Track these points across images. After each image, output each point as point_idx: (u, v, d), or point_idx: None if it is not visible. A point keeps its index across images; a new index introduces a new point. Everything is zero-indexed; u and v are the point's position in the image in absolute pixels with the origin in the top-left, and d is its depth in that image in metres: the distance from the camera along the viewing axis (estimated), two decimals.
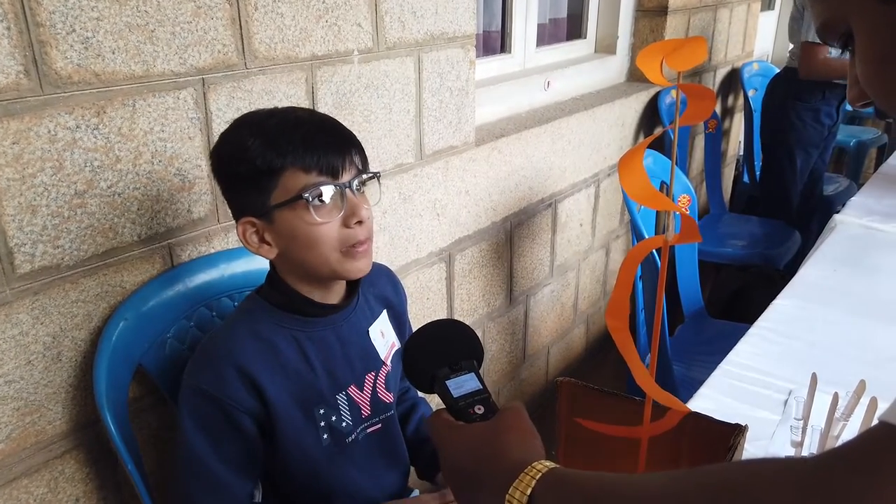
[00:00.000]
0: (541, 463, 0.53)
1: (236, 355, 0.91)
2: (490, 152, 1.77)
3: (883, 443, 0.39)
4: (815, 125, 2.79)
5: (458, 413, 0.66)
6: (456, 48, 1.57)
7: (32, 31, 0.87)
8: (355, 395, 1.01)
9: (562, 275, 2.27)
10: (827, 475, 0.40)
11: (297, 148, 0.86)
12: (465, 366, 0.69)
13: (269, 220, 0.89)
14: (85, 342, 1.00)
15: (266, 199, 0.88)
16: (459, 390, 0.67)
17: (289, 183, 0.87)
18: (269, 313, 0.95)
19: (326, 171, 0.87)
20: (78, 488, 1.04)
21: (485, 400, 0.66)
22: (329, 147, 0.88)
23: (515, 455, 0.55)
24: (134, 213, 1.02)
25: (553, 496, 0.50)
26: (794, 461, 0.43)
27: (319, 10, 1.23)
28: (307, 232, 0.88)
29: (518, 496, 0.51)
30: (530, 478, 0.52)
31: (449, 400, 0.67)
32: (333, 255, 0.90)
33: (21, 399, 0.95)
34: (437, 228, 1.65)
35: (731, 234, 2.85)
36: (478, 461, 0.58)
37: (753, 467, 0.43)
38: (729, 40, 3.10)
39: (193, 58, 1.05)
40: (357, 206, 0.89)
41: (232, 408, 0.90)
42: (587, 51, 2.47)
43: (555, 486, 0.51)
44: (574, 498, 0.50)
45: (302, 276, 0.94)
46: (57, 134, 0.91)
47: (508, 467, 0.54)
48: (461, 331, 0.74)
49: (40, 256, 0.93)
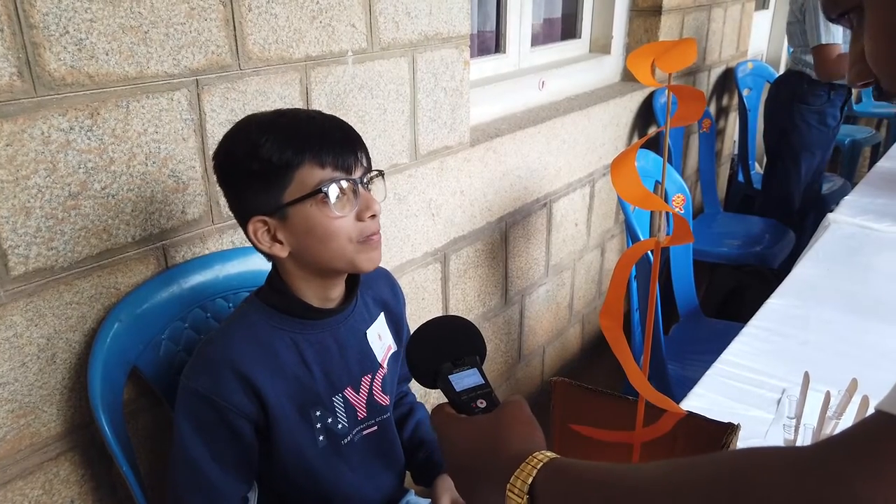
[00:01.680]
0: (542, 453, 0.54)
1: (234, 359, 0.91)
2: (485, 152, 1.78)
3: (881, 430, 0.39)
4: (820, 128, 2.81)
5: (461, 407, 0.67)
6: (450, 48, 1.57)
7: (26, 33, 0.87)
8: (351, 397, 1.01)
9: (557, 274, 2.28)
10: (825, 461, 0.41)
11: (314, 144, 0.87)
12: (467, 361, 0.70)
13: (282, 217, 0.89)
14: (79, 344, 1.00)
15: (279, 197, 0.88)
16: (462, 384, 0.68)
17: (305, 178, 0.87)
18: (268, 316, 0.95)
19: (341, 166, 0.89)
20: (73, 490, 1.04)
21: (487, 394, 0.67)
22: (342, 143, 0.90)
23: (517, 446, 0.56)
24: (128, 214, 1.02)
25: (553, 485, 0.51)
26: (793, 449, 0.44)
27: (313, 11, 1.23)
28: (325, 226, 0.89)
29: (519, 485, 0.52)
30: (531, 467, 0.52)
31: (451, 394, 0.67)
32: (349, 246, 0.91)
33: (15, 401, 0.95)
34: (432, 228, 1.66)
35: (725, 234, 2.86)
36: (480, 452, 0.59)
37: (753, 454, 0.44)
38: (723, 40, 3.11)
39: (187, 59, 1.05)
40: (370, 200, 0.91)
41: (229, 412, 0.91)
42: (582, 51, 2.48)
43: (555, 475, 0.51)
44: (574, 487, 0.50)
45: (312, 274, 0.94)
46: (50, 136, 0.91)
47: (510, 458, 0.55)
48: (464, 327, 0.75)
49: (34, 258, 0.93)
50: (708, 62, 3.01)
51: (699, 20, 2.82)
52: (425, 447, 1.15)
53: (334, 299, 0.99)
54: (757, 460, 0.43)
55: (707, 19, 2.88)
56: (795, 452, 0.42)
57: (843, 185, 3.32)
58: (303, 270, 0.94)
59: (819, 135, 2.82)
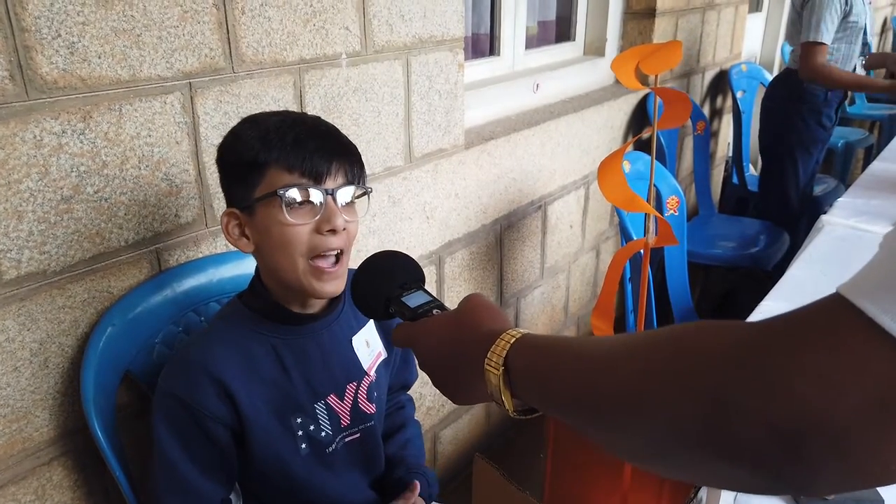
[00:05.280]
0: (514, 330, 0.58)
1: (209, 363, 0.91)
2: (479, 155, 1.78)
3: (829, 311, 0.39)
4: (817, 127, 2.81)
5: (419, 319, 0.70)
6: (444, 51, 1.57)
7: (17, 37, 0.86)
8: (335, 404, 1.00)
9: (552, 277, 2.28)
10: (766, 331, 0.41)
11: (284, 146, 0.87)
12: (412, 286, 0.75)
13: (250, 214, 0.90)
14: (72, 348, 1.00)
15: (250, 193, 0.89)
16: (415, 302, 0.72)
17: (272, 179, 0.88)
18: (248, 319, 0.95)
19: (309, 173, 0.88)
20: (66, 495, 1.03)
21: (440, 305, 0.72)
22: (317, 151, 0.88)
23: (488, 326, 0.60)
24: (121, 218, 1.02)
25: (523, 357, 0.55)
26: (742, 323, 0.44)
27: (307, 14, 1.23)
28: (279, 231, 0.88)
29: (495, 359, 0.56)
30: (505, 342, 0.56)
31: (407, 312, 0.71)
32: (301, 262, 0.89)
33: (7, 406, 0.94)
34: (426, 231, 1.65)
35: (720, 236, 2.86)
36: (454, 340, 0.63)
37: (708, 323, 0.45)
38: (717, 42, 3.12)
39: (180, 62, 1.05)
40: (333, 214, 0.88)
41: (202, 415, 0.90)
42: (576, 53, 2.48)
43: (525, 349, 0.55)
44: (540, 357, 0.54)
45: (278, 282, 0.94)
46: (43, 139, 0.91)
47: (482, 338, 0.58)
48: (402, 259, 0.78)
49: (26, 262, 0.92)
50: (702, 64, 3.02)
51: (693, 23, 2.82)
52: (404, 466, 1.12)
53: (314, 306, 0.98)
54: (709, 326, 0.44)
55: (701, 22, 2.89)
56: (747, 324, 0.43)
57: (837, 187, 3.33)
58: (271, 276, 0.94)
59: (817, 133, 2.83)
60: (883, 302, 0.36)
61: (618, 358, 0.48)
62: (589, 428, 0.50)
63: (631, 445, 0.48)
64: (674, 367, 0.44)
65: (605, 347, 0.50)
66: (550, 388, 0.53)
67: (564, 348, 0.54)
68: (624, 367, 0.47)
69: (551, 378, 0.53)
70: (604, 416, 0.48)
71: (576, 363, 0.51)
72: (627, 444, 0.48)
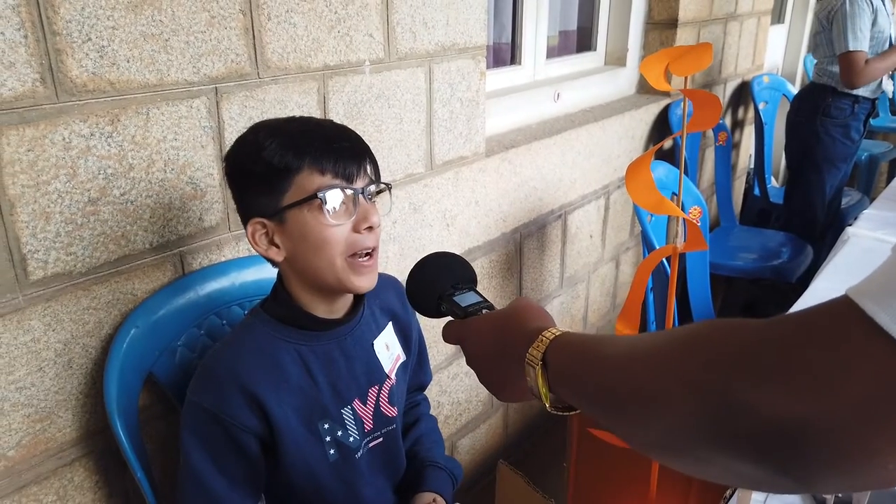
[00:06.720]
0: (555, 328, 0.61)
1: (238, 374, 0.90)
2: (500, 163, 1.77)
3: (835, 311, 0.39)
4: (844, 141, 2.79)
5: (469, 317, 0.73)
6: (467, 59, 1.57)
7: (49, 40, 0.88)
8: (359, 408, 1.00)
9: (572, 287, 2.27)
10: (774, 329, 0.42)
11: (315, 149, 0.87)
12: (465, 286, 0.77)
13: (280, 221, 0.90)
14: (96, 349, 1.00)
15: (279, 200, 0.88)
16: (465, 302, 0.75)
17: (304, 183, 0.87)
18: (272, 327, 0.95)
19: (342, 174, 0.88)
20: (87, 496, 1.03)
21: (490, 306, 0.74)
22: (345, 152, 0.89)
23: (532, 325, 0.63)
24: (146, 220, 1.03)
25: (559, 355, 0.58)
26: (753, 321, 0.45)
27: (331, 21, 1.23)
28: (318, 233, 0.88)
29: (535, 354, 0.59)
30: (546, 339, 0.60)
31: (458, 311, 0.74)
32: (339, 261, 0.90)
33: (32, 406, 0.95)
34: (446, 239, 1.65)
35: (741, 247, 2.83)
36: (499, 338, 0.66)
37: (725, 321, 0.46)
38: (739, 53, 3.10)
39: (207, 67, 1.06)
40: (368, 212, 0.90)
41: (234, 427, 0.90)
42: (597, 63, 2.48)
43: (562, 346, 0.59)
44: (572, 355, 0.58)
45: (308, 285, 0.94)
46: (71, 141, 0.92)
47: (526, 335, 0.62)
48: (456, 259, 0.81)
49: (53, 263, 0.93)
50: (724, 75, 3.01)
51: (715, 33, 2.81)
52: (417, 461, 1.12)
53: (339, 310, 0.98)
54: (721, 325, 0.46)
55: (723, 32, 2.88)
56: (756, 322, 0.44)
57: (861, 200, 3.29)
58: (301, 281, 0.94)
59: (843, 148, 2.80)
60: (883, 301, 0.36)
61: (637, 356, 0.51)
62: (611, 422, 0.53)
63: (648, 440, 0.50)
64: (685, 366, 0.45)
65: (629, 346, 0.53)
66: (579, 384, 0.56)
67: (594, 346, 0.56)
68: (642, 365, 0.49)
69: (580, 374, 0.56)
70: (624, 411, 0.51)
71: (601, 361, 0.54)
72: (645, 438, 0.50)
